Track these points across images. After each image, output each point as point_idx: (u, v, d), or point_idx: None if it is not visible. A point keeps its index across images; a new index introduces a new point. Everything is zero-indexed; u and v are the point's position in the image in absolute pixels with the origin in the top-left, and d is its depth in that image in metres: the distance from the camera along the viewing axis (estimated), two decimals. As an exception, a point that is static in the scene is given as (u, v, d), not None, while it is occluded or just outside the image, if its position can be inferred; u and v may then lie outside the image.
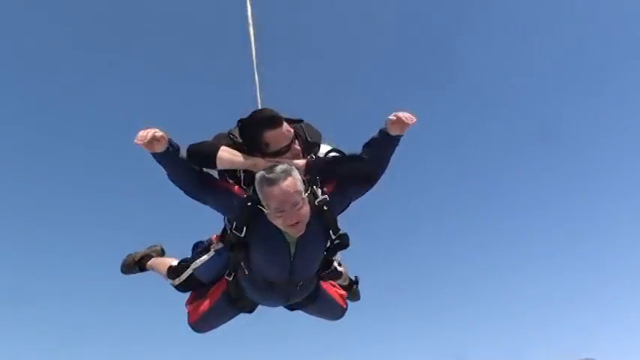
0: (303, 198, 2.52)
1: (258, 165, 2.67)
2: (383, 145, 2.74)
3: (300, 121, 2.97)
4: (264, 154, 2.71)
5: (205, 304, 3.03)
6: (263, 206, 2.55)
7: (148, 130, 2.53)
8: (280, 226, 2.57)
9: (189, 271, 2.97)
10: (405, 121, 2.62)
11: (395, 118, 2.63)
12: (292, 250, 2.71)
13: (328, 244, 2.80)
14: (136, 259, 3.41)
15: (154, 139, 2.53)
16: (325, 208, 2.66)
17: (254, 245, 2.73)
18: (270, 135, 2.68)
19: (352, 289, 3.41)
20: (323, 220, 2.69)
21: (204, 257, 2.98)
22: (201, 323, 3.09)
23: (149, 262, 3.37)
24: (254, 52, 3.45)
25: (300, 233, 2.60)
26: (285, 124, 2.71)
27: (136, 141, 2.53)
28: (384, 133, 2.70)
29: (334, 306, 3.27)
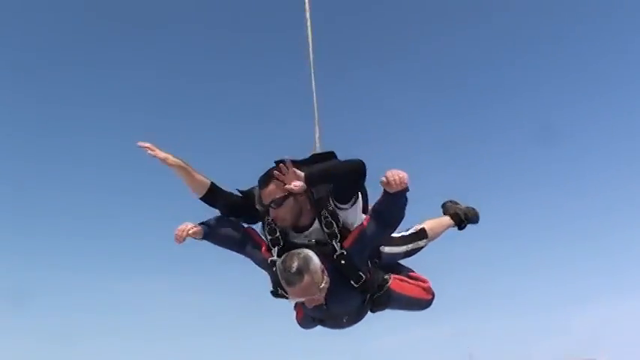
0: (320, 288, 2.68)
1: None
2: (385, 202, 2.78)
3: (317, 160, 3.03)
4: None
5: (301, 311, 3.27)
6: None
7: (182, 229, 2.93)
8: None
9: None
10: (394, 186, 2.60)
11: (385, 180, 2.61)
12: (324, 304, 2.85)
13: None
14: None
15: (188, 236, 2.93)
16: (343, 262, 2.79)
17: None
18: (261, 192, 2.90)
19: (462, 226, 3.69)
20: (343, 273, 2.82)
21: None
22: (302, 324, 3.36)
23: None
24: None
25: (318, 304, 2.79)
26: (271, 186, 2.83)
27: (175, 241, 2.94)
28: (384, 192, 2.72)
29: (413, 301, 3.30)
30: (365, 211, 3.10)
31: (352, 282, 2.84)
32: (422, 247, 3.41)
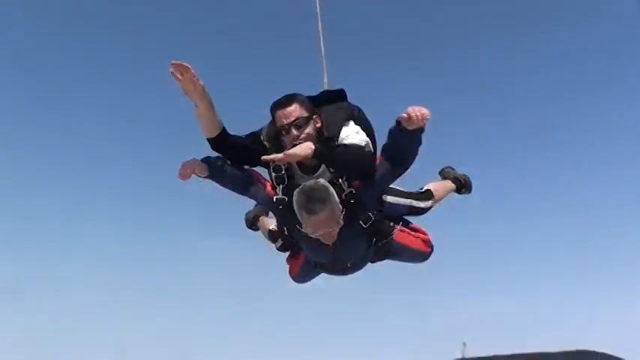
0: (338, 222, 2.64)
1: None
2: (401, 140, 2.66)
3: (327, 97, 3.02)
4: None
5: (298, 262, 3.32)
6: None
7: (188, 164, 2.74)
8: (312, 235, 2.70)
9: (281, 241, 3.19)
10: (416, 121, 2.47)
11: (406, 116, 2.48)
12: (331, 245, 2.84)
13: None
14: (250, 218, 3.65)
15: (194, 173, 2.76)
16: (352, 201, 2.72)
17: (297, 239, 2.99)
18: (276, 113, 2.80)
19: (463, 191, 3.69)
20: (352, 213, 2.74)
21: None
22: (298, 277, 3.43)
23: (259, 222, 3.61)
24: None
25: (330, 242, 2.74)
26: (291, 108, 2.75)
27: (178, 177, 2.75)
28: (400, 128, 2.57)
29: (412, 252, 3.29)
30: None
31: (362, 222, 2.80)
32: (426, 209, 3.35)
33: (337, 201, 2.61)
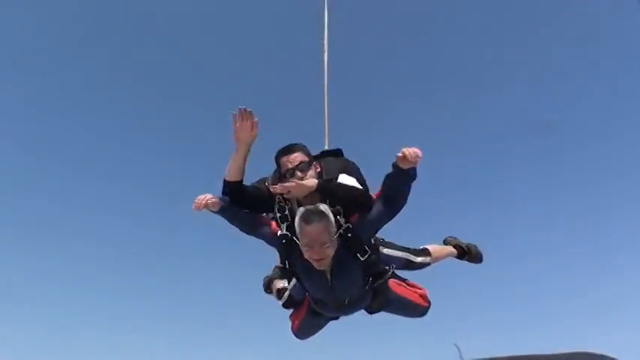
0: (332, 240, 2.89)
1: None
2: (396, 178, 2.96)
3: (326, 155, 3.39)
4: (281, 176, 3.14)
5: (299, 317, 3.50)
6: (297, 239, 2.95)
7: (202, 197, 3.11)
8: (307, 257, 2.95)
9: (287, 293, 3.42)
10: (410, 159, 2.82)
11: (402, 155, 2.85)
12: (329, 277, 3.06)
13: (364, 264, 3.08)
14: (266, 282, 3.72)
15: (206, 206, 3.11)
16: (349, 235, 2.97)
17: (299, 273, 3.17)
18: (281, 160, 3.15)
19: (465, 257, 3.82)
20: (349, 247, 2.99)
21: (294, 281, 3.36)
22: (299, 332, 3.58)
23: (272, 285, 3.72)
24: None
25: (323, 268, 2.99)
26: (295, 154, 3.11)
27: (193, 208, 3.11)
28: (396, 167, 2.91)
29: (411, 306, 3.48)
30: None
31: (358, 255, 3.00)
32: (423, 265, 3.55)
33: (333, 222, 2.90)
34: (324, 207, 2.94)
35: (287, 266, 3.15)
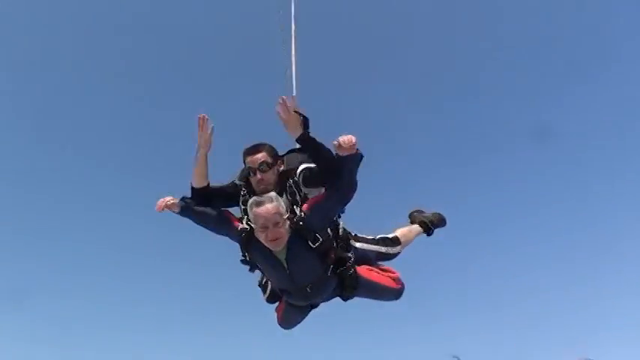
0: (284, 219, 3.08)
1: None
2: (340, 165, 3.10)
3: (292, 152, 3.57)
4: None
5: (280, 309, 3.68)
6: (254, 230, 3.15)
7: (162, 200, 3.39)
8: (263, 241, 3.12)
9: (269, 287, 3.60)
10: (344, 147, 2.98)
11: (337, 143, 3.01)
12: (285, 265, 3.22)
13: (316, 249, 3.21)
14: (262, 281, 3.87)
15: (166, 207, 3.38)
16: (301, 223, 3.13)
17: (258, 265, 3.37)
18: (246, 158, 3.38)
19: (431, 232, 3.97)
20: (301, 234, 3.15)
21: None
22: (283, 322, 3.74)
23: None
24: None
25: (278, 248, 3.14)
26: (258, 155, 3.32)
27: (155, 209, 3.38)
28: (336, 155, 3.08)
29: (383, 290, 3.58)
30: None
31: (309, 242, 3.14)
32: (395, 254, 3.71)
33: (284, 205, 3.11)
34: (273, 194, 3.15)
35: (247, 259, 3.33)
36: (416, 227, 3.96)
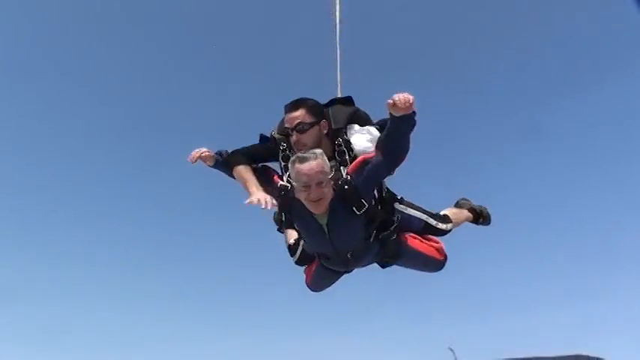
0: (328, 179, 2.85)
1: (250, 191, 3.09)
2: (392, 127, 2.86)
3: (334, 104, 3.31)
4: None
5: (312, 270, 3.47)
6: (295, 188, 2.93)
7: (197, 150, 3.19)
8: (304, 202, 2.90)
9: (300, 249, 3.38)
10: (400, 106, 2.71)
11: (392, 102, 2.72)
12: (326, 229, 3.01)
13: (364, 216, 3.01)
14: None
15: (200, 158, 3.18)
16: (346, 187, 2.91)
17: (297, 227, 3.16)
18: (285, 116, 3.14)
19: (480, 221, 3.73)
20: (346, 198, 2.93)
21: None
22: (312, 285, 3.57)
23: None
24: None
25: (321, 210, 2.92)
26: (296, 113, 3.07)
27: (188, 159, 3.19)
28: (390, 116, 2.82)
29: (426, 259, 3.37)
30: None
31: (354, 209, 2.93)
32: (444, 230, 3.42)
33: (328, 163, 2.88)
34: (318, 150, 2.93)
35: (284, 219, 3.14)
36: (465, 211, 3.70)
